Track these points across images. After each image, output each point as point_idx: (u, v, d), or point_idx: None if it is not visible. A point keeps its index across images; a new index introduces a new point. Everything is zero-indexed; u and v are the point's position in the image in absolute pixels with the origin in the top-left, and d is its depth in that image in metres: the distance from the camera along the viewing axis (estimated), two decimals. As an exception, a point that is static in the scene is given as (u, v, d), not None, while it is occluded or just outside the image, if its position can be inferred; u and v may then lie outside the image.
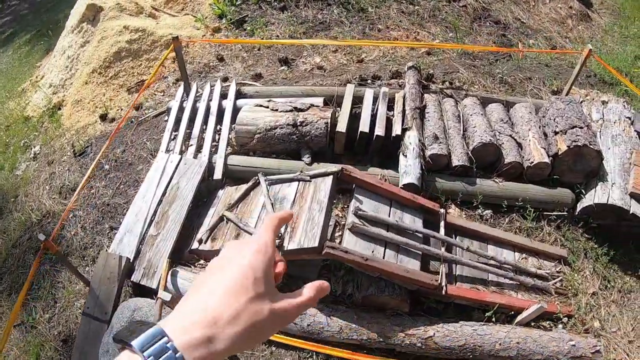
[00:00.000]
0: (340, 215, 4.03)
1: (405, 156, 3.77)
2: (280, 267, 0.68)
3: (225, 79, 5.79)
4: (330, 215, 3.54)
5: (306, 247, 3.18)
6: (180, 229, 3.89)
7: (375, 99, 4.28)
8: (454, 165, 3.89)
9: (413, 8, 5.92)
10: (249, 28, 6.45)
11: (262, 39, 6.05)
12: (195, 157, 4.55)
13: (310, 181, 3.63)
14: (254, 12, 6.73)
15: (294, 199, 3.68)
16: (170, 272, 3.56)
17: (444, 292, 3.39)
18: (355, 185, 3.57)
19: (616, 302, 4.53)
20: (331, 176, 3.48)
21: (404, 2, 5.99)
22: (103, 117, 5.81)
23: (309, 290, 0.66)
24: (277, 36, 6.02)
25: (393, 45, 4.98)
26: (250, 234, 3.77)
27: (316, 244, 3.12)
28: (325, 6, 6.16)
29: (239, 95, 5.06)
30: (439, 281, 3.38)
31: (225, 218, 4.02)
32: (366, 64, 5.07)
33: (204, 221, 4.11)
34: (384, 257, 3.35)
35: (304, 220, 3.41)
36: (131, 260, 3.70)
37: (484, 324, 3.60)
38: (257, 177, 4.09)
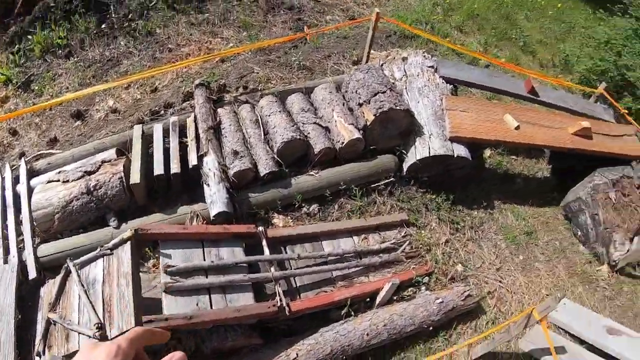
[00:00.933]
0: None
1: (208, 185, 3.47)
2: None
3: (22, 155, 5.05)
4: (140, 284, 3.17)
5: (126, 330, 2.88)
6: (15, 349, 3.37)
7: (167, 132, 3.91)
8: (262, 175, 3.66)
9: (202, 17, 5.56)
10: (36, 87, 5.69)
11: (52, 95, 5.36)
12: (5, 261, 3.91)
13: (113, 254, 3.22)
14: (39, 68, 5.94)
15: (103, 278, 3.25)
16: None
17: (287, 312, 3.20)
18: (159, 240, 3.21)
19: (472, 239, 4.65)
20: (128, 242, 3.10)
21: (192, 13, 5.61)
22: None
23: None
24: (67, 88, 5.36)
25: (184, 65, 4.61)
26: (79, 332, 3.34)
27: (133, 324, 2.87)
28: (112, 40, 5.58)
29: (32, 173, 4.39)
30: (279, 304, 3.17)
31: (51, 321, 3.54)
32: (161, 91, 4.65)
33: (36, 329, 3.61)
34: (211, 305, 3.06)
35: (116, 300, 3.12)
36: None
37: (344, 322, 3.49)
38: (66, 265, 3.60)
